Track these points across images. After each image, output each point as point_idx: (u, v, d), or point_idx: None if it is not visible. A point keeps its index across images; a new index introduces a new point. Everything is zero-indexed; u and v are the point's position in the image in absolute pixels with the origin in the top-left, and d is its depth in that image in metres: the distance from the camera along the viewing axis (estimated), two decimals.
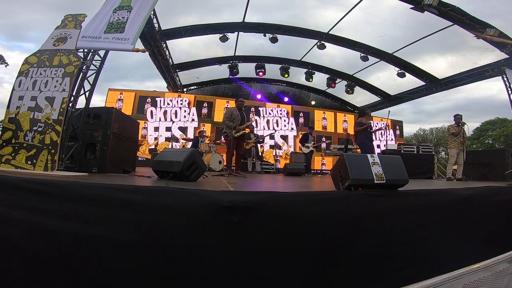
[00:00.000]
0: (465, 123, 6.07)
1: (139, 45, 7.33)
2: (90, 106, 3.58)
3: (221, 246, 1.47)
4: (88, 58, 3.42)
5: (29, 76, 2.87)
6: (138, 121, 6.02)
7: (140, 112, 10.45)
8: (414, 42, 8.43)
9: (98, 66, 3.56)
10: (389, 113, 6.75)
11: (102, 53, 3.58)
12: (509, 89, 7.22)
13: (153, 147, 10.36)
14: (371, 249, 1.81)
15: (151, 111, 10.65)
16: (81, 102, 3.43)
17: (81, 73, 3.28)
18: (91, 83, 3.50)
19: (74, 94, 3.18)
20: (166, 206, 1.48)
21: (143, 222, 1.45)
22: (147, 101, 10.70)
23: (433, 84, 10.30)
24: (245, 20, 8.70)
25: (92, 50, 3.44)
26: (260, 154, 9.42)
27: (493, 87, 41.83)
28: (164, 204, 1.49)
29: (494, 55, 7.81)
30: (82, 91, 3.38)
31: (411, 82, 10.54)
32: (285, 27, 9.03)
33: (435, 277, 1.48)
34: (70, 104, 3.10)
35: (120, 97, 10.34)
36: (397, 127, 13.67)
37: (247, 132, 5.85)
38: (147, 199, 1.50)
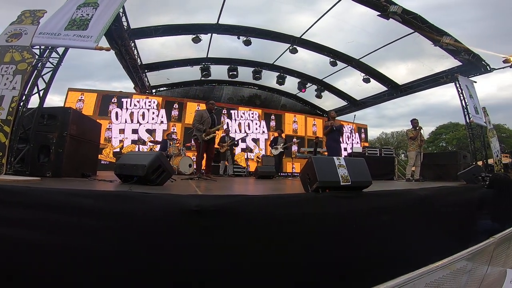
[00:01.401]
0: (421, 127, 6.51)
1: (104, 43, 6.96)
2: (47, 106, 3.31)
3: (188, 252, 1.41)
4: (44, 56, 3.17)
5: None
6: (101, 122, 5.69)
7: (104, 113, 9.87)
8: (379, 48, 8.87)
9: (55, 64, 3.31)
10: (354, 117, 7.05)
11: (61, 50, 3.34)
12: (461, 95, 7.78)
13: (118, 150, 9.84)
14: (340, 250, 1.85)
15: (116, 112, 10.11)
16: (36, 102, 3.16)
17: (36, 71, 3.03)
18: (47, 82, 3.23)
19: (26, 92, 2.92)
20: (128, 211, 1.40)
21: (101, 229, 1.35)
22: (112, 101, 10.15)
23: (394, 90, 10.92)
24: (219, 22, 8.62)
25: (49, 47, 3.21)
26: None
27: (447, 93, 45.77)
28: (125, 209, 1.40)
29: (449, 62, 8.41)
30: (36, 90, 3.11)
31: (375, 87, 11.07)
32: (259, 30, 9.08)
33: (398, 278, 1.55)
34: (22, 104, 2.84)
35: (81, 97, 9.68)
36: (362, 131, 14.36)
37: (219, 133, 5.78)
38: (105, 204, 1.40)
